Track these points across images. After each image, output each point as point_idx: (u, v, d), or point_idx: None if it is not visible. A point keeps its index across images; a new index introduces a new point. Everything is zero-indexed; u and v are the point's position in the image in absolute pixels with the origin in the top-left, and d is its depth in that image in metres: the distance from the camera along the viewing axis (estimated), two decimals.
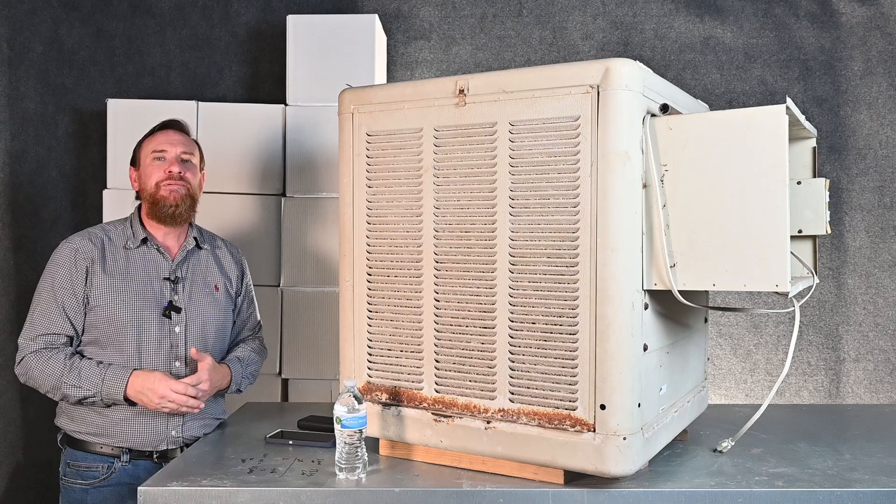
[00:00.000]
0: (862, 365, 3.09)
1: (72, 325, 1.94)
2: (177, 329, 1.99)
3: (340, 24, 2.80)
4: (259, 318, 2.27)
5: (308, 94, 2.80)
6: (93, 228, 2.06)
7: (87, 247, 1.98)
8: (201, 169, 2.15)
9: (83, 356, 1.94)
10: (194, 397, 1.89)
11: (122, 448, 1.95)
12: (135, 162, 2.11)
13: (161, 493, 1.46)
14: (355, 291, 1.68)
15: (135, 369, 1.90)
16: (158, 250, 2.03)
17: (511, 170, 1.48)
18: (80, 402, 1.91)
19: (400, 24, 3.15)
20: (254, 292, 2.26)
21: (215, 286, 2.10)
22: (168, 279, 2.01)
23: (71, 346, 1.95)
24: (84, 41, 3.09)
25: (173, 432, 1.97)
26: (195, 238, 2.11)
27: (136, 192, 2.11)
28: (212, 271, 2.11)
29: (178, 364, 1.98)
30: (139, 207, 2.10)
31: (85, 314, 1.95)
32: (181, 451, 1.99)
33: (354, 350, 1.68)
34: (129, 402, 1.89)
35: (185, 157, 2.07)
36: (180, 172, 2.03)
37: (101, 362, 1.91)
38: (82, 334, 1.96)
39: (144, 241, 2.03)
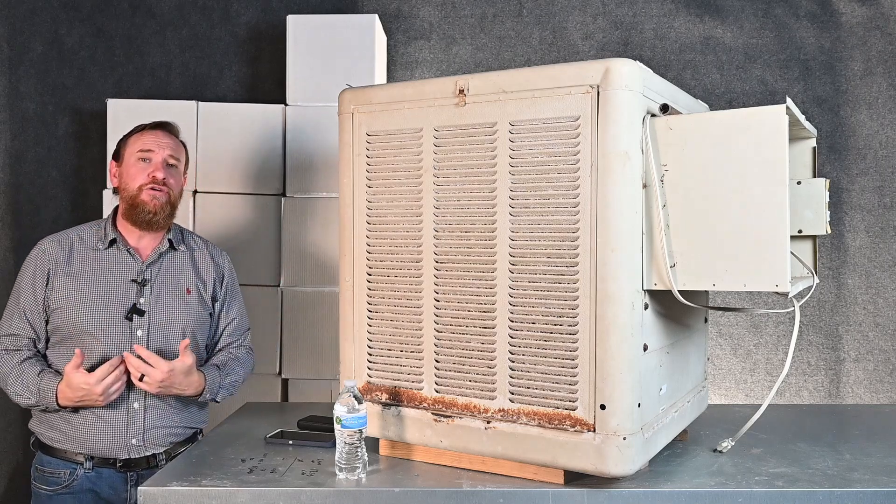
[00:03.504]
0: (862, 365, 3.09)
1: (31, 327, 1.91)
2: (139, 333, 1.92)
3: (340, 24, 2.80)
4: (248, 323, 2.18)
5: (308, 94, 2.80)
6: (69, 230, 2.01)
7: (53, 249, 1.94)
8: (185, 171, 2.10)
9: (37, 360, 1.90)
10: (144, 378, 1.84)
11: (86, 455, 1.91)
12: (118, 157, 2.05)
13: (161, 493, 1.46)
14: (355, 291, 1.68)
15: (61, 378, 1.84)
16: (128, 251, 1.97)
17: (511, 170, 1.48)
18: (32, 408, 1.90)
19: (400, 24, 3.15)
20: (241, 296, 2.17)
21: (187, 289, 2.01)
22: (135, 281, 1.95)
23: (35, 347, 1.93)
24: (84, 41, 3.09)
25: (133, 440, 1.91)
26: (170, 240, 2.03)
27: (115, 187, 2.05)
28: (185, 274, 2.03)
29: None
30: (116, 207, 2.04)
31: (48, 316, 1.92)
32: (147, 460, 1.94)
33: (354, 350, 1.68)
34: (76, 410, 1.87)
35: (172, 161, 2.01)
36: (164, 179, 1.97)
37: (42, 370, 1.87)
38: (47, 336, 1.93)
39: (113, 241, 1.97)
